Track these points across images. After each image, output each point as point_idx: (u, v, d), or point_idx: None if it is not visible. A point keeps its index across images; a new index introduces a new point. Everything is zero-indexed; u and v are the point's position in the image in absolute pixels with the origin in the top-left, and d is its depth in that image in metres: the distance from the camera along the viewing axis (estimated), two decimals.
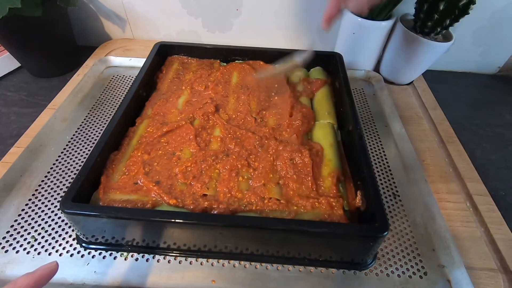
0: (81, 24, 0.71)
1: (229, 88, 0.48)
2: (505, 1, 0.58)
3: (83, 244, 0.35)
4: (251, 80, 0.48)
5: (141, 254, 0.35)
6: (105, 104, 0.54)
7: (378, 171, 0.45)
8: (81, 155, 0.45)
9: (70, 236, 0.36)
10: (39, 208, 0.39)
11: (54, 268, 0.25)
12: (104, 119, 0.51)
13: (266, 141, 0.39)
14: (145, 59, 0.49)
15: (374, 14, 0.54)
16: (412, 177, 0.44)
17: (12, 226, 0.37)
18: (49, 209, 0.39)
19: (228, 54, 0.54)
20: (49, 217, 0.38)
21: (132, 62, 0.63)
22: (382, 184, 0.43)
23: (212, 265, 0.34)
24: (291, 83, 0.50)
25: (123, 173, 0.36)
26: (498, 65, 0.69)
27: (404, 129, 0.50)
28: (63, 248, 0.35)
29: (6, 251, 0.35)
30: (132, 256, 0.35)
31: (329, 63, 0.52)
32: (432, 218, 0.39)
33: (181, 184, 0.35)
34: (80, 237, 0.35)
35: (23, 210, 0.38)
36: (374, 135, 0.50)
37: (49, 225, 0.37)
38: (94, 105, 0.54)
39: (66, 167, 0.43)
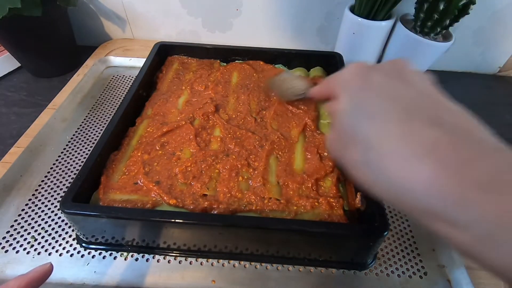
0: (81, 24, 0.71)
1: (229, 88, 0.48)
2: (505, 1, 0.58)
3: (83, 244, 0.35)
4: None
5: (141, 254, 0.35)
6: (105, 104, 0.54)
7: None
8: (81, 155, 0.45)
9: (70, 236, 0.36)
10: (39, 208, 0.39)
11: (47, 270, 0.24)
12: (104, 119, 0.51)
13: (265, 143, 0.39)
14: (145, 59, 0.49)
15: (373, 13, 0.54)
16: None
17: (12, 226, 0.37)
18: (49, 209, 0.39)
19: (228, 54, 0.54)
20: (49, 217, 0.38)
21: (132, 62, 0.63)
22: None
23: (212, 265, 0.34)
24: None
25: (123, 173, 0.36)
26: (498, 65, 0.69)
27: None
28: (63, 248, 0.35)
29: (6, 251, 0.35)
30: (132, 256, 0.35)
31: (329, 63, 0.52)
32: None
33: (181, 184, 0.35)
34: (80, 237, 0.35)
35: (23, 210, 0.38)
36: None
37: (49, 225, 0.37)
38: (94, 105, 0.54)
39: (66, 167, 0.43)
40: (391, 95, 0.19)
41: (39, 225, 0.37)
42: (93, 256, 0.35)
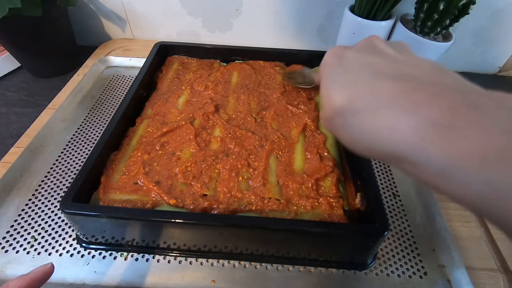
0: (81, 24, 0.71)
1: (229, 88, 0.48)
2: (505, 1, 0.58)
3: (83, 244, 0.35)
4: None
5: (141, 254, 0.35)
6: (105, 104, 0.54)
7: (378, 171, 0.45)
8: (81, 155, 0.45)
9: (70, 236, 0.36)
10: (39, 208, 0.39)
11: (48, 271, 0.24)
12: (104, 119, 0.51)
13: (265, 143, 0.39)
14: (145, 59, 0.49)
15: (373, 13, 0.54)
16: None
17: (12, 226, 0.37)
18: (49, 209, 0.39)
19: (228, 54, 0.54)
20: (49, 217, 0.38)
21: (132, 62, 0.63)
22: (382, 184, 0.43)
23: (212, 265, 0.34)
24: None
25: (123, 173, 0.36)
26: (498, 65, 0.69)
27: None
28: (63, 248, 0.35)
29: (6, 251, 0.35)
30: (132, 256, 0.35)
31: None
32: (432, 218, 0.39)
33: (181, 184, 0.35)
34: (80, 237, 0.35)
35: (23, 210, 0.38)
36: None
37: (49, 225, 0.37)
38: (94, 105, 0.54)
39: (66, 167, 0.43)
40: (360, 65, 0.21)
41: (39, 225, 0.37)
42: (93, 256, 0.35)
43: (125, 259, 0.35)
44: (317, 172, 0.36)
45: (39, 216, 0.38)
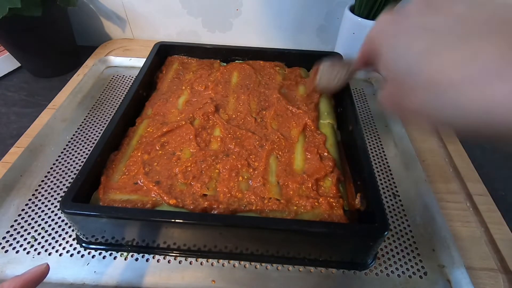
0: (81, 24, 0.71)
1: (229, 88, 0.48)
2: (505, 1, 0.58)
3: (83, 244, 0.35)
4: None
5: (141, 254, 0.35)
6: (105, 104, 0.54)
7: (378, 171, 0.45)
8: (81, 155, 0.45)
9: (70, 236, 0.36)
10: (39, 208, 0.39)
11: (43, 271, 0.24)
12: (104, 119, 0.51)
13: (265, 143, 0.39)
14: (145, 59, 0.49)
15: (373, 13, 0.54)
16: (412, 177, 0.44)
17: (12, 226, 0.37)
18: (49, 209, 0.39)
19: (228, 54, 0.54)
20: (49, 217, 0.38)
21: (132, 62, 0.63)
22: (382, 184, 0.43)
23: (212, 265, 0.34)
24: None
25: (123, 173, 0.36)
26: None
27: (404, 129, 0.50)
28: (63, 248, 0.35)
29: (6, 251, 0.35)
30: (132, 256, 0.35)
31: None
32: (432, 218, 0.39)
33: (181, 184, 0.35)
34: (80, 237, 0.35)
35: (23, 210, 0.38)
36: (374, 135, 0.50)
37: (49, 225, 0.37)
38: (94, 105, 0.54)
39: (66, 167, 0.43)
40: (439, 27, 0.17)
41: (39, 225, 0.37)
42: (93, 256, 0.35)
43: (125, 259, 0.35)
44: (317, 172, 0.36)
45: (39, 216, 0.38)
